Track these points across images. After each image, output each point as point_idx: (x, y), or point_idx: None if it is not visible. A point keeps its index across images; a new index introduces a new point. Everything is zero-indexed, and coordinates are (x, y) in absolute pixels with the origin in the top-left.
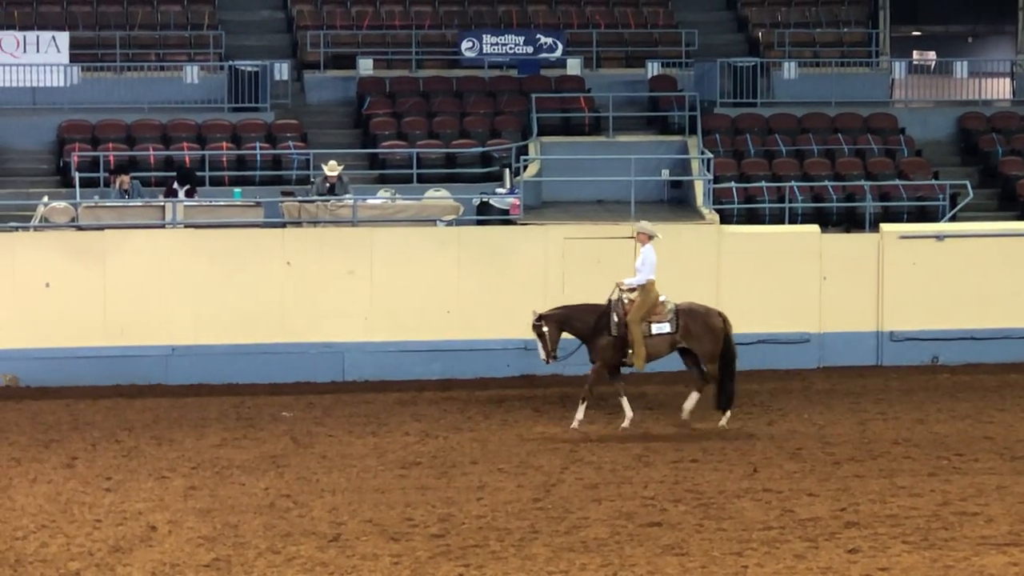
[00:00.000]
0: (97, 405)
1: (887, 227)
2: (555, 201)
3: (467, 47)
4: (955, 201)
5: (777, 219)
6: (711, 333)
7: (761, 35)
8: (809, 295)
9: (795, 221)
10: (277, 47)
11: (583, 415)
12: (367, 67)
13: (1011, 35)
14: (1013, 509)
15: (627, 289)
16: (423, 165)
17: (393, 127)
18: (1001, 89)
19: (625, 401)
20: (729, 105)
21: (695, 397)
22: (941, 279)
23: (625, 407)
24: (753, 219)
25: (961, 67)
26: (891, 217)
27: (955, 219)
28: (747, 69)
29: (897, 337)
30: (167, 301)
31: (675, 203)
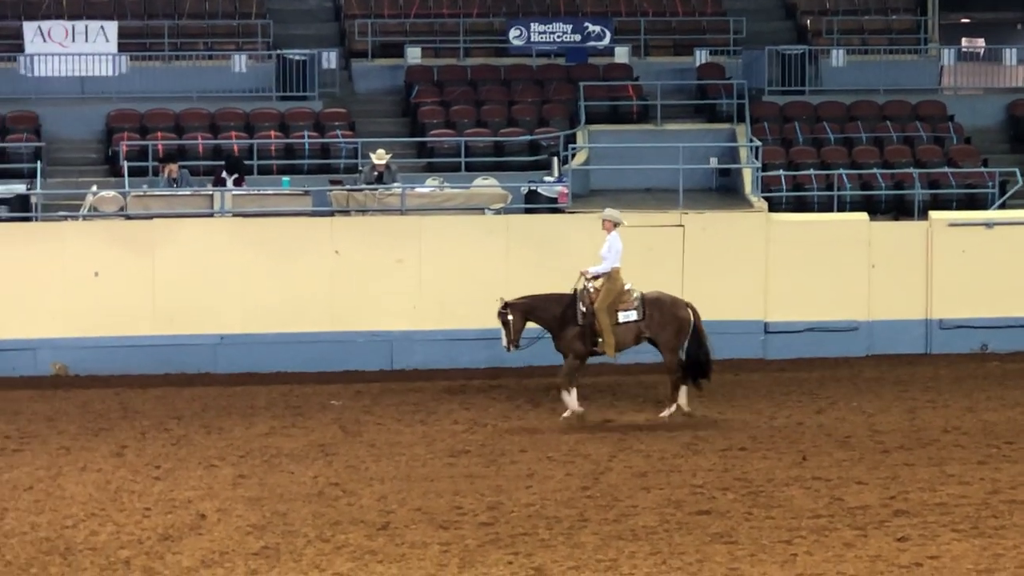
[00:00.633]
0: (146, 394)
1: (936, 215)
2: (603, 189)
3: (515, 35)
4: (1004, 188)
5: (825, 207)
6: (676, 323)
7: (809, 22)
8: (858, 283)
9: (843, 209)
10: (325, 36)
11: (576, 404)
12: (415, 56)
13: None
14: None
15: (591, 277)
16: (471, 153)
17: (441, 116)
18: None
19: (566, 394)
20: (777, 93)
21: (683, 390)
22: (990, 267)
23: (569, 400)
24: (801, 207)
25: (1010, 54)
26: (940, 205)
27: (1004, 206)
28: (795, 57)
29: (946, 325)
30: (215, 290)
31: (723, 191)
